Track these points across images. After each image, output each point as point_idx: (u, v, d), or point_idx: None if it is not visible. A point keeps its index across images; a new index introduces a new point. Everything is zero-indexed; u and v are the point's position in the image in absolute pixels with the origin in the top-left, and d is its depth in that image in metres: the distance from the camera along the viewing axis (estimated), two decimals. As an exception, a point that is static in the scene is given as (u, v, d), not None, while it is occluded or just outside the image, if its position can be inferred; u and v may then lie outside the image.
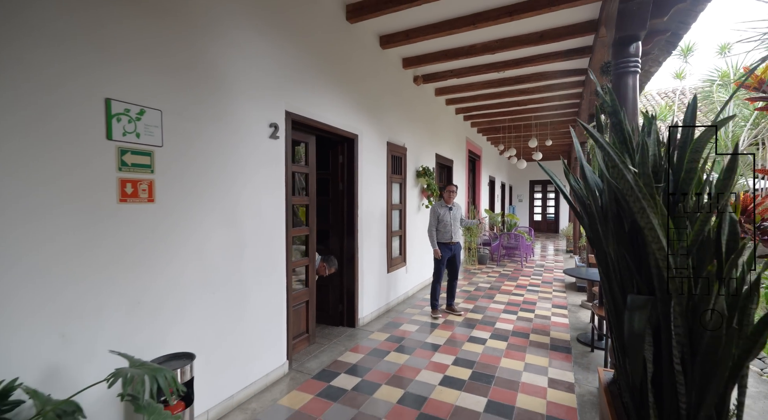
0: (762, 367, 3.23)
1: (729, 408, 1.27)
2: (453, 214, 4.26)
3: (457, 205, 4.38)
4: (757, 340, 1.20)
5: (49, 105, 1.49)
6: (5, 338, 1.39)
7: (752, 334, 1.20)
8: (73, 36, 1.56)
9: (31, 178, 1.45)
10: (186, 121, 2.05)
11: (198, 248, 2.12)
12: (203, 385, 2.14)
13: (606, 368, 2.37)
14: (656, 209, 1.18)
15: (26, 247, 1.44)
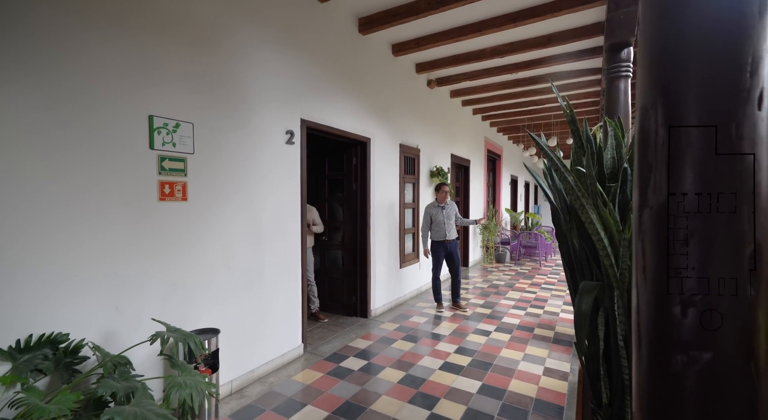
0: None
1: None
2: (446, 213, 4.43)
3: (451, 204, 4.53)
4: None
5: (104, 121, 1.86)
6: (75, 308, 1.77)
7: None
8: (122, 62, 1.93)
9: (91, 180, 1.82)
10: (213, 132, 2.40)
11: (222, 240, 2.47)
12: (228, 360, 2.49)
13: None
14: (594, 206, 1.36)
15: (89, 236, 1.81)
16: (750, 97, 0.55)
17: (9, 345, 1.56)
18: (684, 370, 0.59)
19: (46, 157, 1.66)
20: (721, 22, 0.56)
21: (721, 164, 0.57)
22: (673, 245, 0.60)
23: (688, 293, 0.59)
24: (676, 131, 0.60)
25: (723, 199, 0.56)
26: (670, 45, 0.61)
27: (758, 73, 0.55)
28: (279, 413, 2.30)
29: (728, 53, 0.55)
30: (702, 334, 0.58)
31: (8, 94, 1.55)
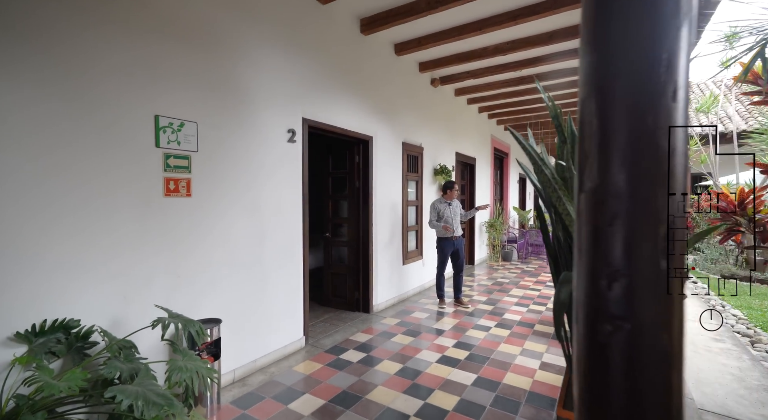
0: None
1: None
2: (453, 209, 4.49)
3: (456, 201, 4.60)
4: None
5: (112, 118, 1.98)
6: (87, 297, 1.89)
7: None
8: (129, 61, 2.05)
9: (101, 177, 1.94)
10: (216, 130, 2.51)
11: (226, 234, 2.58)
12: (230, 350, 2.60)
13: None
14: (570, 197, 1.41)
15: (100, 231, 1.93)
16: (665, 91, 0.60)
17: (26, 329, 1.68)
18: (609, 338, 0.65)
19: (59, 154, 1.79)
20: (641, 23, 0.61)
21: (641, 151, 0.62)
22: (602, 225, 0.66)
23: (614, 269, 0.65)
24: (605, 122, 0.66)
25: (642, 183, 0.62)
26: (600, 42, 0.66)
27: (672, 69, 0.60)
28: (278, 401, 2.39)
29: (647, 52, 0.61)
30: (624, 306, 0.64)
31: (30, 85, 1.68)
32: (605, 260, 0.65)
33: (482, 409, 2.30)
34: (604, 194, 0.65)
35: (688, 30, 0.61)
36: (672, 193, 0.61)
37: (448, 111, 6.16)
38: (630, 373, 0.63)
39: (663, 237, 0.61)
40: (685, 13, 0.60)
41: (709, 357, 3.24)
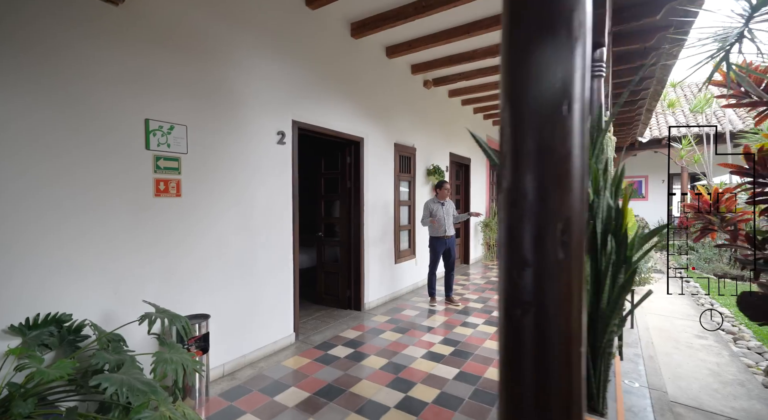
0: (757, 361, 3.25)
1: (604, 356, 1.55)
2: (446, 209, 4.57)
3: (449, 201, 4.68)
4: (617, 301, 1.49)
5: (104, 124, 2.08)
6: (79, 292, 1.99)
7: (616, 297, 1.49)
8: (121, 69, 2.14)
9: (94, 178, 2.04)
10: (207, 133, 2.61)
11: (215, 232, 2.67)
12: (220, 344, 2.69)
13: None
14: None
15: (91, 229, 2.03)
16: (560, 106, 0.69)
17: (20, 322, 1.78)
18: (521, 321, 0.74)
19: (52, 157, 1.89)
20: (542, 51, 0.70)
21: (543, 157, 0.71)
22: (515, 222, 0.75)
23: (523, 260, 0.73)
24: (516, 130, 0.74)
25: (545, 186, 0.70)
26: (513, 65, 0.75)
27: (567, 88, 0.69)
28: (264, 393, 2.49)
29: (546, 74, 0.69)
30: (531, 292, 0.72)
31: (18, 95, 1.78)
32: (517, 253, 0.74)
33: (461, 402, 2.38)
34: (515, 194, 0.74)
35: (582, 54, 0.70)
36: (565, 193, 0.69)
37: (443, 112, 6.24)
38: (538, 350, 0.72)
39: (561, 232, 0.69)
40: (577, 41, 0.69)
41: (690, 353, 3.31)
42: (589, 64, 0.71)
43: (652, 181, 13.28)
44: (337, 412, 2.27)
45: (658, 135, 11.18)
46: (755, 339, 3.82)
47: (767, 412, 2.36)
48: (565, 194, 0.69)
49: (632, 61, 4.79)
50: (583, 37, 0.71)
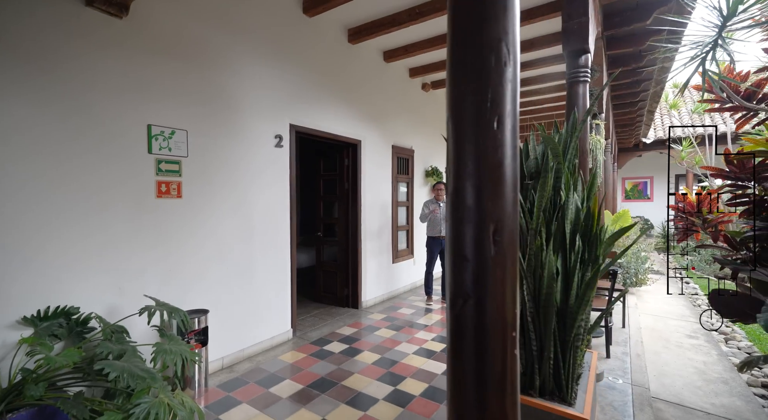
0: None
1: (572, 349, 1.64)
2: (442, 210, 4.66)
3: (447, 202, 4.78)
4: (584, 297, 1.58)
5: (108, 131, 2.22)
6: (86, 287, 2.13)
7: (582, 293, 1.58)
8: (124, 79, 2.28)
9: (99, 181, 2.18)
10: (206, 137, 2.74)
11: (214, 232, 2.81)
12: (219, 339, 2.82)
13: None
14: None
15: (97, 229, 2.17)
16: (491, 121, 0.79)
17: (32, 314, 1.92)
18: (462, 309, 0.84)
19: (59, 162, 2.03)
20: (476, 74, 0.80)
21: (478, 166, 0.81)
22: (458, 223, 0.85)
23: (464, 257, 0.84)
24: (457, 142, 0.85)
25: (476, 190, 0.81)
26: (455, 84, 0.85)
27: (496, 105, 0.79)
28: (260, 385, 2.61)
29: (479, 92, 0.80)
30: (470, 285, 0.83)
31: (34, 103, 1.92)
32: (459, 250, 0.84)
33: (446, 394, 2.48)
34: (456, 199, 0.84)
35: (512, 76, 0.81)
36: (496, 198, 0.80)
37: (442, 114, 6.33)
38: (477, 334, 0.83)
39: (493, 232, 0.79)
40: (506, 65, 0.79)
41: (678, 352, 3.37)
42: (518, 83, 0.81)
43: (658, 182, 13.21)
44: (328, 403, 2.39)
45: (662, 136, 11.15)
46: (746, 340, 3.85)
47: (746, 408, 2.42)
48: (497, 198, 0.79)
49: (628, 63, 4.84)
50: (513, 60, 0.81)
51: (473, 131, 0.80)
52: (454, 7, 0.83)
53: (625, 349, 3.33)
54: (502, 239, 0.80)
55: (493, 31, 0.78)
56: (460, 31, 0.82)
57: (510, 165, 0.81)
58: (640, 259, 5.47)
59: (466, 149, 0.81)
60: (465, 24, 0.81)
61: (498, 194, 0.80)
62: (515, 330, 0.85)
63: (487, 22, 0.78)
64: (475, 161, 0.81)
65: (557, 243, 1.67)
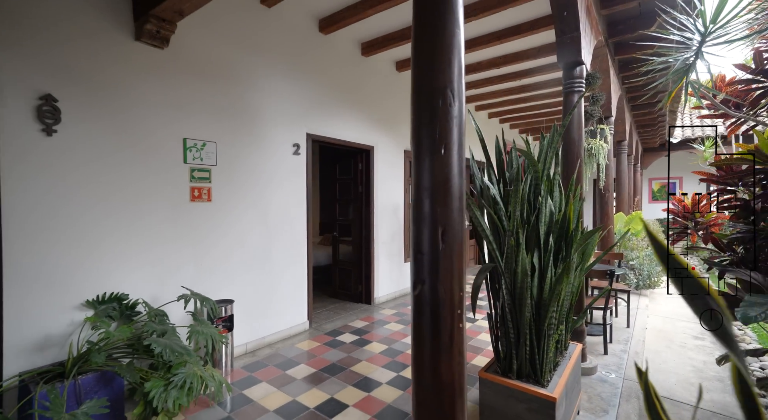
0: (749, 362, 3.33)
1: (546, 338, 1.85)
2: None
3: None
4: (554, 291, 1.79)
5: (151, 144, 2.60)
6: (134, 278, 2.52)
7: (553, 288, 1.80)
8: (165, 102, 2.66)
9: (145, 187, 2.56)
10: (232, 147, 3.10)
11: (240, 232, 3.16)
12: (243, 327, 3.17)
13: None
14: (475, 204, 1.83)
15: (143, 230, 2.56)
16: (439, 148, 1.04)
17: (92, 298, 2.31)
18: (420, 292, 1.10)
19: (112, 172, 2.42)
20: (428, 110, 1.06)
21: (431, 183, 1.07)
22: (417, 224, 1.11)
23: (421, 251, 1.09)
24: (417, 163, 1.11)
25: (430, 200, 1.06)
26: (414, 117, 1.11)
27: (443, 136, 1.04)
28: (278, 368, 2.93)
29: (431, 126, 1.05)
30: (424, 272, 1.08)
31: (84, 123, 2.32)
32: (418, 245, 1.11)
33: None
34: (417, 206, 1.11)
35: (457, 113, 1.06)
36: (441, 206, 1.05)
37: (453, 119, 6.51)
38: (431, 310, 1.09)
39: (441, 233, 1.05)
40: (452, 105, 1.05)
41: (680, 352, 3.44)
42: (463, 118, 1.06)
43: (687, 182, 12.80)
44: (336, 384, 2.68)
45: (690, 135, 10.82)
46: (756, 342, 3.86)
47: (735, 403, 2.52)
48: (445, 207, 1.05)
49: (639, 66, 4.88)
50: (458, 101, 1.06)
51: (428, 156, 1.06)
52: (414, 62, 1.09)
53: (624, 347, 3.44)
54: (449, 238, 1.05)
55: (441, 81, 1.04)
56: (417, 80, 1.08)
57: (456, 182, 1.06)
58: (654, 261, 5.46)
59: (423, 169, 1.07)
60: (420, 75, 1.07)
61: (446, 203, 1.05)
62: (461, 308, 1.10)
63: (436, 75, 1.04)
64: (429, 179, 1.06)
65: (533, 243, 1.88)
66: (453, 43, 1.05)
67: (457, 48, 1.06)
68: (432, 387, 1.07)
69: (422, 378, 1.10)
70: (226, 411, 2.33)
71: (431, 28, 1.05)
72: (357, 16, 3.61)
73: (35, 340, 2.11)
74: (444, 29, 1.04)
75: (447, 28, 1.04)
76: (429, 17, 1.05)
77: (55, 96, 2.18)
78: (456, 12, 1.05)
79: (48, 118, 2.15)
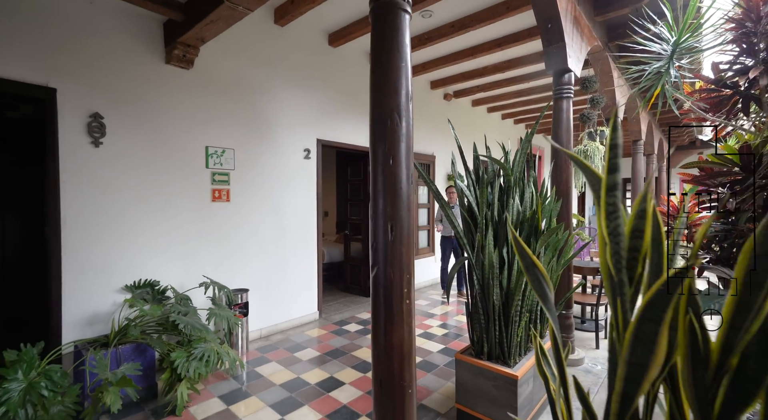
0: None
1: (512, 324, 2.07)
2: (454, 212, 5.06)
3: (458, 204, 5.18)
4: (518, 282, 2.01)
5: (180, 153, 3.01)
6: (164, 268, 2.93)
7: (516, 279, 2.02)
8: (190, 115, 3.06)
9: (173, 190, 2.97)
10: (248, 153, 3.47)
11: (255, 229, 3.53)
12: (258, 314, 3.54)
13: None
14: (447, 205, 2.07)
15: (172, 227, 2.97)
16: (388, 160, 1.31)
17: (130, 283, 2.73)
18: (376, 273, 1.37)
19: (148, 177, 2.84)
20: (381, 128, 1.32)
21: (384, 187, 1.33)
22: (373, 219, 1.38)
23: (376, 241, 1.37)
24: (374, 171, 1.38)
25: (383, 200, 1.33)
26: (371, 134, 1.38)
27: (392, 150, 1.31)
28: (288, 350, 3.28)
29: (383, 141, 1.32)
30: (377, 257, 1.35)
31: (124, 136, 2.74)
32: (374, 236, 1.38)
33: (435, 367, 2.96)
34: (375, 204, 1.38)
35: (405, 131, 1.33)
36: (390, 205, 1.32)
37: (465, 120, 6.70)
38: (384, 288, 1.36)
39: (391, 227, 1.32)
40: (399, 125, 1.31)
41: (676, 349, 3.50)
42: (411, 134, 1.33)
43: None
44: (337, 366, 2.98)
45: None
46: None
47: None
48: (393, 206, 1.33)
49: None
50: (405, 120, 1.33)
51: (380, 165, 1.34)
52: (371, 89, 1.36)
53: (618, 343, 3.54)
54: (396, 231, 1.32)
55: (390, 105, 1.31)
56: (372, 104, 1.35)
57: (403, 186, 1.33)
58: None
59: (377, 175, 1.35)
60: (375, 100, 1.34)
61: (394, 203, 1.32)
62: (408, 288, 1.36)
63: (386, 99, 1.31)
64: (381, 183, 1.34)
65: (502, 239, 2.10)
66: (400, 75, 1.31)
67: (404, 78, 1.32)
68: (385, 349, 1.34)
69: (377, 342, 1.37)
70: (239, 383, 2.69)
71: (381, 63, 1.32)
72: (363, 30, 3.90)
73: (86, 317, 2.55)
74: (391, 64, 1.30)
75: (394, 63, 1.30)
76: (380, 55, 1.32)
77: (101, 114, 2.62)
78: (402, 50, 1.31)
79: (96, 133, 2.59)
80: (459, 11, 3.66)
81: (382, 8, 1.33)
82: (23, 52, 2.33)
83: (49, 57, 2.41)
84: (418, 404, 2.45)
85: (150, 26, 2.84)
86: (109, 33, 2.66)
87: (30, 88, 2.35)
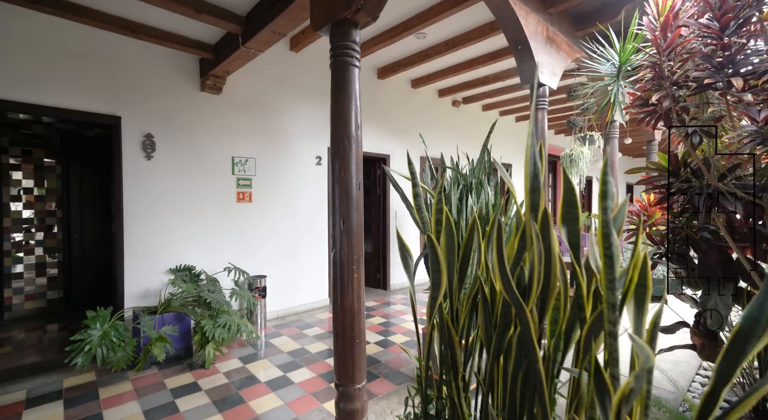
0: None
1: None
2: None
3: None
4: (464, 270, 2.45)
5: (210, 163, 3.70)
6: (198, 256, 3.63)
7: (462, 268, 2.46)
8: (219, 130, 3.75)
9: (205, 193, 3.66)
10: (268, 161, 4.12)
11: (273, 226, 4.17)
12: (275, 297, 4.18)
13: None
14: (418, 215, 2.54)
15: (205, 224, 3.66)
16: (342, 172, 1.82)
17: (173, 267, 3.45)
18: (335, 253, 1.89)
19: (185, 183, 3.54)
20: (337, 148, 1.84)
21: (342, 194, 1.85)
22: (334, 216, 1.90)
23: (335, 229, 1.88)
24: (333, 181, 1.90)
25: (338, 201, 1.85)
26: (332, 150, 1.90)
27: (343, 165, 1.82)
28: (298, 328, 3.88)
29: (338, 158, 1.83)
30: (336, 242, 1.87)
31: (169, 150, 3.46)
32: (336, 227, 1.90)
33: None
34: (333, 203, 1.91)
35: (355, 152, 1.84)
36: (348, 206, 1.84)
37: (475, 125, 7.03)
38: (340, 264, 1.88)
39: (342, 222, 1.84)
40: (350, 147, 1.83)
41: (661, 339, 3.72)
42: (360, 152, 1.84)
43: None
44: (336, 341, 3.53)
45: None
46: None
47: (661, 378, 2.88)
48: (345, 205, 1.84)
49: (645, 71, 5.02)
50: (355, 144, 1.84)
51: (336, 176, 1.85)
52: (331, 119, 1.88)
53: (599, 333, 3.81)
54: (347, 224, 1.83)
55: (343, 132, 1.82)
56: (332, 130, 1.87)
57: (353, 191, 1.84)
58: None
59: (335, 183, 1.87)
60: (333, 127, 1.86)
61: (346, 204, 1.83)
62: (356, 265, 1.86)
63: (341, 127, 1.82)
64: (338, 189, 1.85)
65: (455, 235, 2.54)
66: (350, 110, 1.81)
67: (353, 114, 1.82)
68: (341, 310, 1.85)
69: (336, 304, 1.88)
70: (256, 350, 3.31)
71: (336, 102, 1.82)
72: (371, 49, 4.42)
73: (141, 291, 3.29)
74: (343, 104, 1.81)
75: (345, 104, 1.80)
76: (336, 96, 1.83)
77: (152, 133, 3.35)
78: (351, 94, 1.81)
79: (148, 148, 3.32)
80: (449, 32, 4.09)
81: (338, 64, 1.85)
82: (97, 89, 3.09)
83: (115, 92, 3.17)
84: (396, 370, 2.94)
85: (189, 63, 3.55)
86: (159, 70, 3.39)
87: (102, 117, 3.11)
